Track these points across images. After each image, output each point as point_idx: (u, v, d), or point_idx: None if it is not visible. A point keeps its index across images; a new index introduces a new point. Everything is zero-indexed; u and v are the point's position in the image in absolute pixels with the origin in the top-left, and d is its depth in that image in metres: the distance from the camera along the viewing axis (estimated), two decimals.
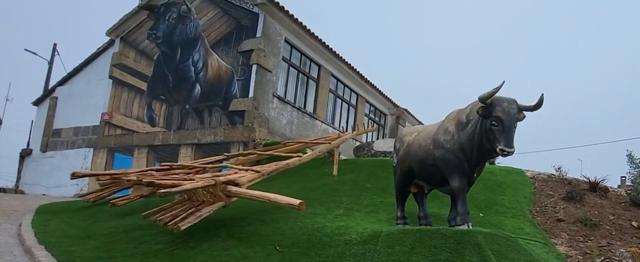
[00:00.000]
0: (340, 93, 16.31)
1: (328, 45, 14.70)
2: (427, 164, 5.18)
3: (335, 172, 9.13)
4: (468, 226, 4.69)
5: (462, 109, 5.01)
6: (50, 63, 25.14)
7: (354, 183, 8.52)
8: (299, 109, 14.25)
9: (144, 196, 7.25)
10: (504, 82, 4.28)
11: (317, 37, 14.27)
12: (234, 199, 5.35)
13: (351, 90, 16.82)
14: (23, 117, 43.54)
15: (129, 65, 16.58)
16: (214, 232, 5.21)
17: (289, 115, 13.85)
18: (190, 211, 5.17)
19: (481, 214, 6.71)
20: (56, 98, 19.44)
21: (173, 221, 4.92)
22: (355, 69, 15.98)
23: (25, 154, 19.79)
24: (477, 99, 4.74)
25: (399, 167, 5.75)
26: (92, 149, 16.79)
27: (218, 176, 5.81)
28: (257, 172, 6.07)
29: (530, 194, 7.95)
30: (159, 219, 5.26)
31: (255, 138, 12.45)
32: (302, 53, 14.65)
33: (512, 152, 4.26)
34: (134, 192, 8.43)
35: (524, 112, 4.42)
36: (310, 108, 14.81)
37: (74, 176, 9.18)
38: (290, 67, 14.21)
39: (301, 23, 13.69)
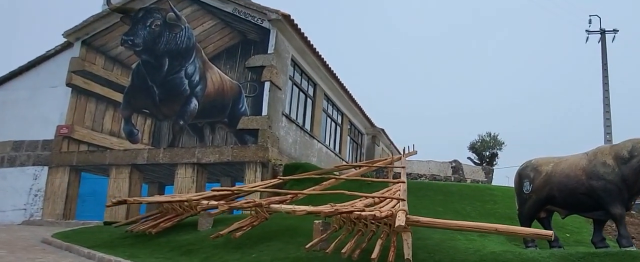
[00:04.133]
0: (330, 112, 16.76)
1: (327, 64, 15.13)
2: (579, 193, 6.02)
3: None
4: (634, 247, 5.62)
5: (617, 145, 5.97)
6: None
7: (424, 206, 9.05)
8: (301, 128, 14.41)
9: (254, 224, 6.98)
10: None
11: (320, 55, 14.63)
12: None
13: (338, 109, 17.35)
14: None
15: (96, 72, 15.21)
16: None
17: (294, 135, 13.95)
18: (363, 242, 5.39)
19: (568, 234, 7.75)
20: None
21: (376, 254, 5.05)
22: (346, 88, 16.60)
23: None
24: (638, 139, 5.74)
25: (535, 194, 6.52)
26: (45, 168, 14.97)
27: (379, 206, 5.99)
28: (403, 199, 6.38)
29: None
30: (345, 251, 5.31)
31: (270, 158, 12.37)
32: (303, 71, 14.87)
33: None
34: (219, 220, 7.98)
35: None
36: (308, 127, 15.04)
37: (117, 202, 8.39)
38: (294, 86, 14.36)
39: (309, 42, 13.97)
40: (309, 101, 15.26)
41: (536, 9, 73.22)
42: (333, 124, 17.11)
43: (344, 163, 15.37)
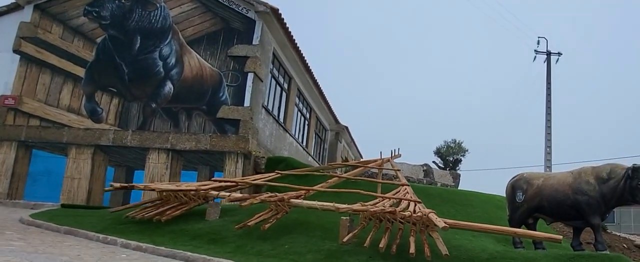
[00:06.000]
0: (300, 107, 17.66)
1: (305, 59, 16.02)
2: (565, 205, 7.63)
3: None
4: (608, 251, 7.33)
5: (597, 168, 7.63)
6: None
7: None
8: (277, 121, 15.22)
9: (278, 217, 7.79)
10: None
11: (299, 50, 15.47)
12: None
13: (308, 104, 18.26)
14: None
15: (52, 42, 14.83)
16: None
17: (271, 128, 14.72)
18: (396, 239, 6.56)
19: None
20: None
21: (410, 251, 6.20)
22: (317, 83, 17.57)
23: None
24: (616, 163, 7.45)
25: (526, 204, 8.07)
26: None
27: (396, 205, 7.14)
28: (419, 201, 7.59)
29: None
30: (382, 246, 6.40)
31: (251, 150, 13.09)
32: (281, 64, 15.62)
33: None
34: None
35: None
36: (282, 121, 15.87)
37: (120, 186, 8.79)
38: (272, 78, 15.10)
39: (291, 36, 14.77)
40: (284, 95, 16.08)
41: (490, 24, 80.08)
42: (302, 118, 18.06)
43: (311, 157, 16.42)
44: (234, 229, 7.91)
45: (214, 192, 8.73)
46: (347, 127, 21.79)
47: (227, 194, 8.65)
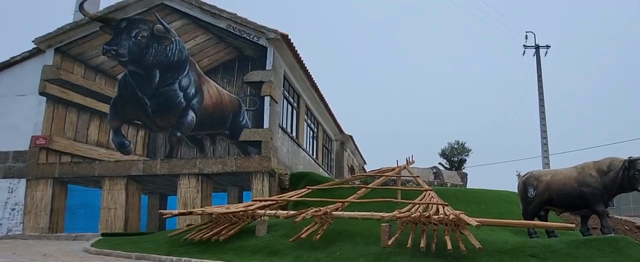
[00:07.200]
0: (309, 121, 18.77)
1: (312, 78, 17.14)
2: (572, 196, 8.80)
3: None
4: (613, 234, 8.51)
5: (598, 162, 8.80)
6: None
7: None
8: (291, 138, 16.31)
9: (324, 228, 8.83)
10: None
11: (307, 70, 16.60)
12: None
13: (315, 118, 19.37)
14: None
15: (76, 82, 15.81)
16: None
17: (287, 145, 15.80)
18: (433, 238, 7.67)
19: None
20: None
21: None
22: (323, 98, 18.70)
23: None
24: (614, 156, 8.65)
25: (538, 198, 9.24)
26: (22, 180, 15.34)
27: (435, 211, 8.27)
28: (446, 204, 8.72)
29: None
30: (423, 246, 7.51)
31: (274, 168, 14.15)
32: (290, 84, 16.74)
33: None
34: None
35: None
36: (295, 137, 16.97)
37: (178, 213, 9.81)
38: (284, 98, 16.20)
39: (300, 58, 15.89)
40: (294, 112, 17.19)
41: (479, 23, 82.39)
42: (311, 132, 19.18)
43: (321, 168, 17.51)
44: (285, 242, 8.98)
45: (261, 211, 9.77)
46: (351, 136, 22.94)
47: (273, 211, 9.70)
